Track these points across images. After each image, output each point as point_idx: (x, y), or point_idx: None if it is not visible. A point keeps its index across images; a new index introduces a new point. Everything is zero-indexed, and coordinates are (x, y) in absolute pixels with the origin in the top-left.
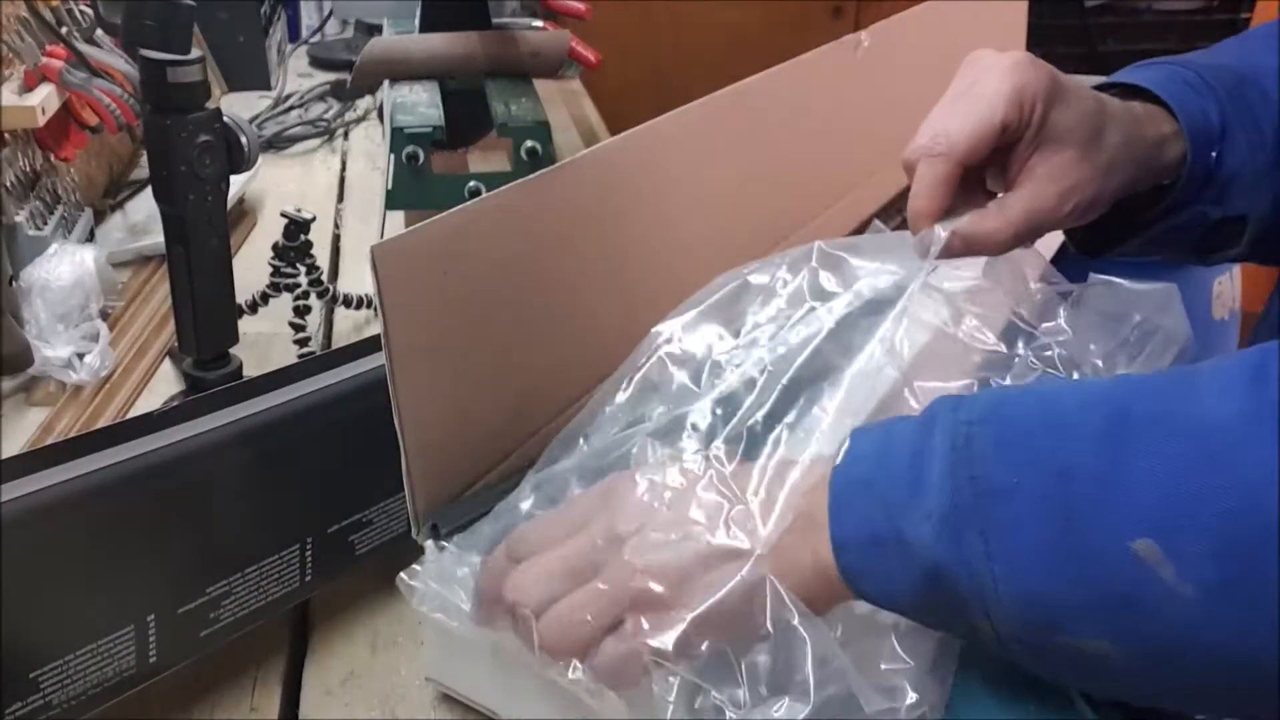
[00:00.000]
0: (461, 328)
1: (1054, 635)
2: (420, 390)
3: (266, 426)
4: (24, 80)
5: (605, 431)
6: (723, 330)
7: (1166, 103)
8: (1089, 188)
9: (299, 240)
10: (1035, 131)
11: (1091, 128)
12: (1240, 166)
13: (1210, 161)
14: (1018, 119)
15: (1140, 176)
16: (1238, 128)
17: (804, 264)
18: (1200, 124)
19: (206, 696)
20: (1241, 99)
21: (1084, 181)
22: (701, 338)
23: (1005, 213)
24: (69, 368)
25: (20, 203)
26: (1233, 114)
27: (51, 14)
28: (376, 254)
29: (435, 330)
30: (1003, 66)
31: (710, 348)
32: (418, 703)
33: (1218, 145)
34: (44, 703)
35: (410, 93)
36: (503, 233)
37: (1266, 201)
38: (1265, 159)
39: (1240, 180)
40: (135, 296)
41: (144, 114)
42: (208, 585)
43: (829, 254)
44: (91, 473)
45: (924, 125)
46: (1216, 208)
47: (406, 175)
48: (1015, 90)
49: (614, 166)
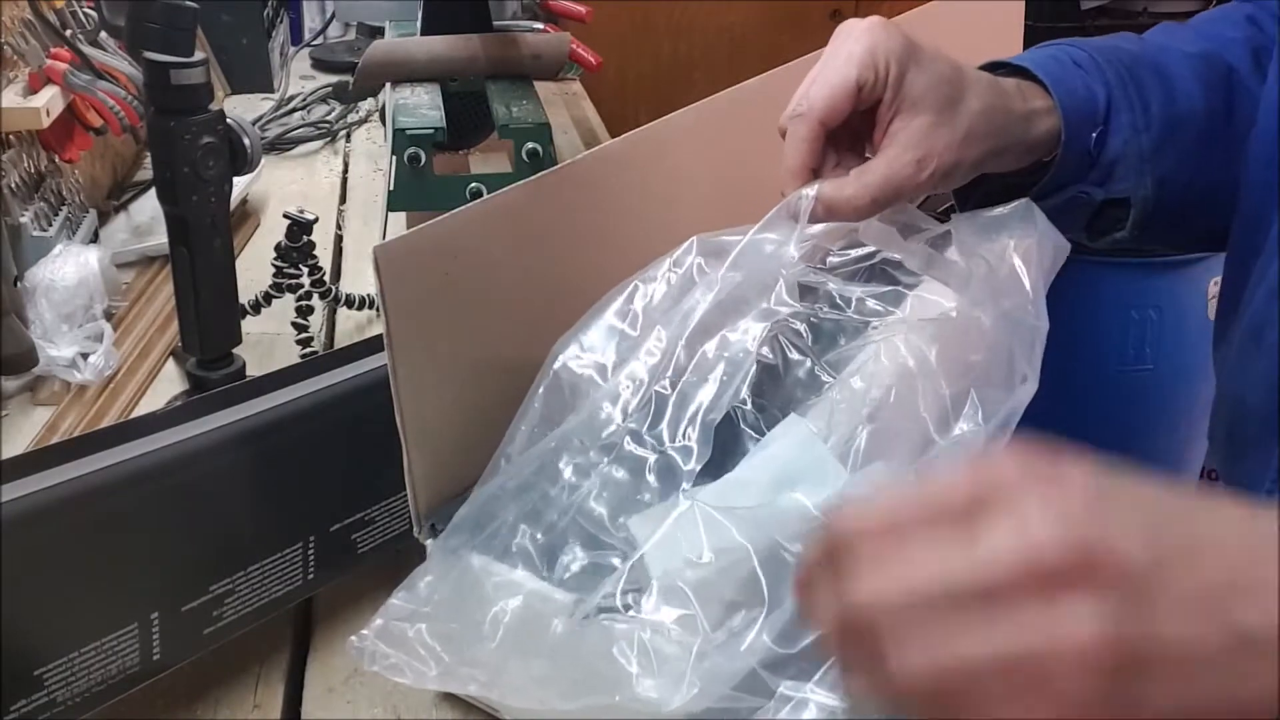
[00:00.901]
0: (463, 328)
1: None
2: (422, 390)
3: (269, 426)
4: (29, 82)
5: (522, 446)
6: (620, 325)
7: (1041, 79)
8: (947, 154)
9: (301, 241)
10: (894, 94)
11: (947, 94)
12: (1124, 148)
13: (1090, 141)
14: (872, 78)
15: (1006, 147)
16: (1124, 109)
17: (686, 256)
18: (1081, 101)
19: (210, 694)
20: (1133, 80)
21: (941, 148)
22: (601, 338)
23: (863, 178)
24: (73, 367)
25: (25, 204)
26: (1120, 95)
27: (56, 16)
28: (379, 255)
29: (437, 330)
30: (858, 30)
31: (613, 345)
32: (420, 701)
33: (1101, 125)
34: (48, 700)
35: (412, 95)
36: (504, 234)
37: (1150, 184)
38: (1149, 141)
39: (1124, 162)
40: (139, 297)
41: (147, 116)
42: (211, 583)
43: (708, 242)
44: (95, 472)
45: (795, 93)
46: (1100, 189)
47: (408, 176)
48: (868, 50)
49: (614, 168)
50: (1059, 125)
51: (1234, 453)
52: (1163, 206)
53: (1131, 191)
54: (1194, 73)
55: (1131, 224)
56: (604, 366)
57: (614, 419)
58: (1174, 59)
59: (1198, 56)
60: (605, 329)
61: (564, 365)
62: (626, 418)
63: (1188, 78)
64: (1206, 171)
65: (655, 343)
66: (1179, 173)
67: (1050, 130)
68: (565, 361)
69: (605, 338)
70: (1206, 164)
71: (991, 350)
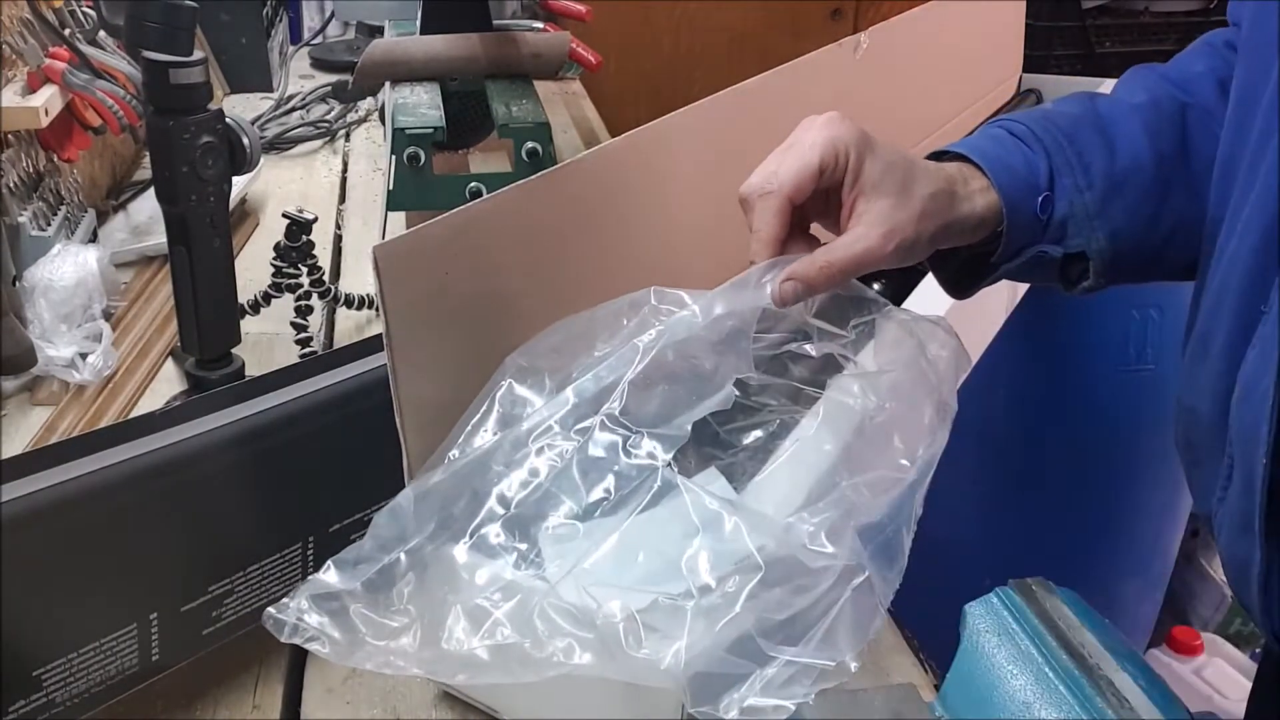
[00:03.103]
0: (462, 327)
1: None
2: (421, 389)
3: (268, 426)
4: (27, 82)
5: (470, 441)
6: (574, 345)
7: (976, 161)
8: (908, 229)
9: (301, 241)
10: (854, 179)
11: (900, 179)
12: (1070, 209)
13: (1036, 207)
14: (833, 163)
15: (955, 223)
16: (1065, 173)
17: (644, 302)
18: (1021, 174)
19: (209, 694)
20: (1071, 144)
21: (902, 224)
22: (555, 353)
23: (833, 253)
24: (72, 367)
25: (23, 204)
26: (1060, 160)
27: (54, 16)
28: (378, 254)
29: (436, 330)
30: (819, 123)
31: (569, 359)
32: (419, 701)
33: (1046, 191)
34: (47, 701)
35: (411, 94)
36: (503, 233)
37: (1102, 237)
38: (1094, 198)
39: (1074, 220)
40: (138, 297)
41: (146, 115)
42: (210, 584)
43: (666, 293)
44: (94, 472)
45: (755, 172)
46: (1057, 246)
47: (408, 176)
48: (829, 140)
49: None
50: (998, 200)
51: (1191, 460)
52: (1122, 254)
53: (1085, 246)
54: (1141, 124)
55: (1094, 274)
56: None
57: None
58: (1119, 114)
59: (1146, 106)
60: (564, 349)
61: (517, 369)
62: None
63: (1133, 131)
64: (1167, 213)
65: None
66: (1133, 221)
67: (992, 205)
68: (518, 366)
69: (559, 355)
70: (1165, 207)
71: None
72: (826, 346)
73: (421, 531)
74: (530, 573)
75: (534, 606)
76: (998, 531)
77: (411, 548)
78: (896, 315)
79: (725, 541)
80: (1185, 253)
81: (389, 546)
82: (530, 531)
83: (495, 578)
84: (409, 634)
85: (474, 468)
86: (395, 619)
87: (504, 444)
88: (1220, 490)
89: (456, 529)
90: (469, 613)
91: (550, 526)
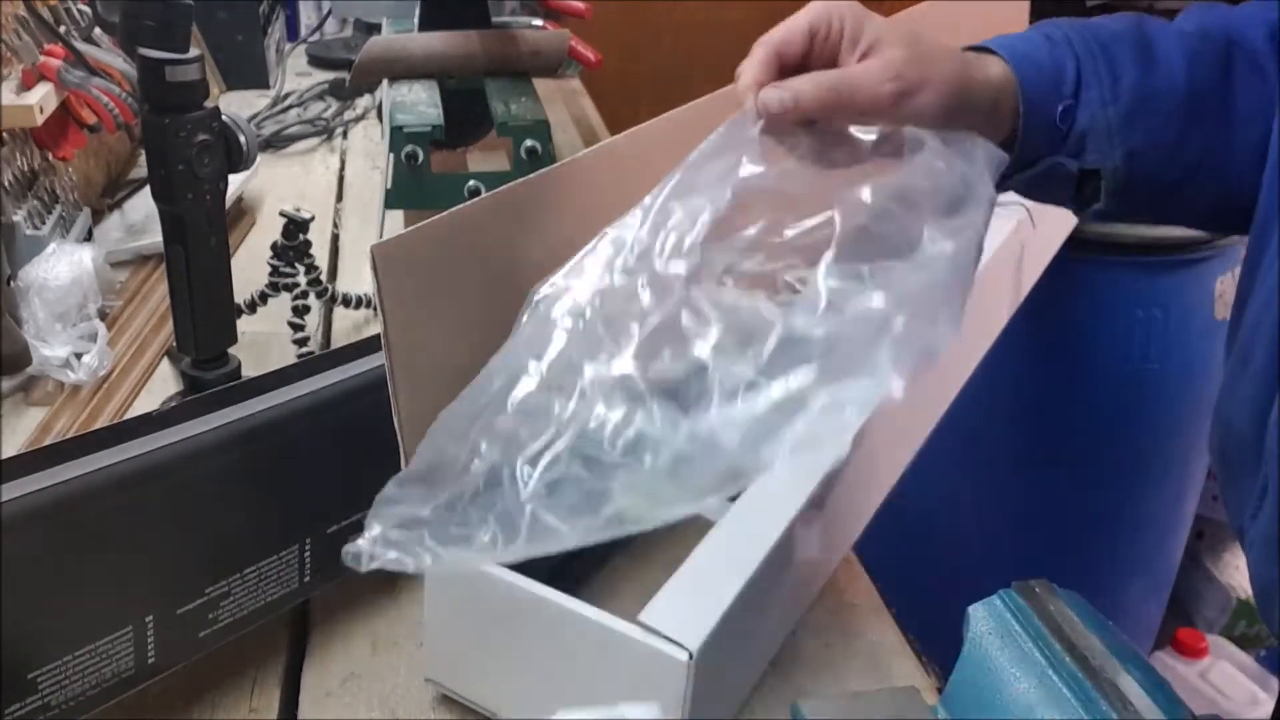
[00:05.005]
0: (461, 327)
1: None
2: (419, 390)
3: (265, 427)
4: (22, 79)
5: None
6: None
7: (996, 50)
8: (911, 75)
9: (298, 240)
10: (852, 42)
11: (907, 37)
12: (1091, 121)
13: (1057, 113)
14: (824, 28)
15: (968, 89)
16: (1092, 84)
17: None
18: (1046, 72)
19: (205, 697)
20: (1105, 55)
21: (906, 69)
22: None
23: (826, 75)
24: (67, 367)
25: (18, 202)
26: (1090, 70)
27: (49, 13)
28: (376, 253)
29: (435, 330)
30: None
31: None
32: (417, 703)
33: (1070, 99)
34: (42, 703)
35: (409, 92)
36: (503, 232)
37: (1119, 155)
38: (1117, 114)
39: (1094, 134)
40: (133, 296)
41: (142, 113)
42: (206, 586)
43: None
44: (90, 473)
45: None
46: (1074, 160)
47: (406, 174)
48: (821, 7)
49: (614, 166)
50: (1015, 83)
51: (1226, 475)
52: (1137, 179)
53: (1102, 162)
54: (1183, 49)
55: (1105, 194)
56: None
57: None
58: (1165, 36)
59: (1193, 34)
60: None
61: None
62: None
63: (1172, 53)
64: (1192, 145)
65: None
66: (1154, 144)
67: (1008, 87)
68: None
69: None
70: (1189, 140)
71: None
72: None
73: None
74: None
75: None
76: (1000, 533)
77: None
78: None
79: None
80: (1205, 194)
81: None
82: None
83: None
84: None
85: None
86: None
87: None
88: (1254, 508)
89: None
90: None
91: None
